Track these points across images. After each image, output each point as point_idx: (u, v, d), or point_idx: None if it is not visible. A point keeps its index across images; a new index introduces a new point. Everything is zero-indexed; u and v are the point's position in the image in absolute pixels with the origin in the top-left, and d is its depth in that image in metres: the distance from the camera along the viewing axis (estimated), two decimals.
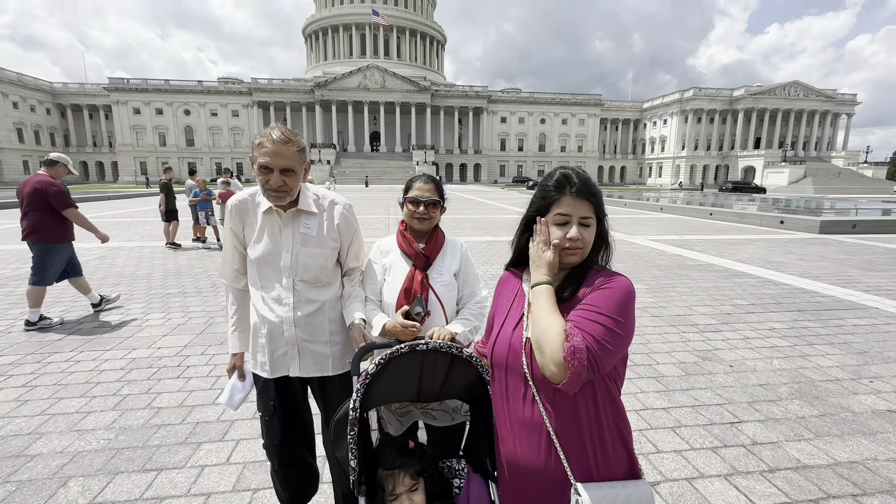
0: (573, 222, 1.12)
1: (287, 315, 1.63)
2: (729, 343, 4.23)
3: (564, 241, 1.12)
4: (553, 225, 1.15)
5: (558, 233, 1.13)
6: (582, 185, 1.13)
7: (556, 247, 1.14)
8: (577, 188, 1.13)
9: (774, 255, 9.02)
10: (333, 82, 73.37)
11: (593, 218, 1.14)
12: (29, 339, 4.22)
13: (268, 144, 1.47)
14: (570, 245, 1.12)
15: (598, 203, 1.16)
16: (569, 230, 1.12)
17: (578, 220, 1.12)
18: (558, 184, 1.15)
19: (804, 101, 75.57)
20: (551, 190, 1.16)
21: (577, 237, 1.11)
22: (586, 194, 1.13)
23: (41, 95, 71.55)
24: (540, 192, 1.20)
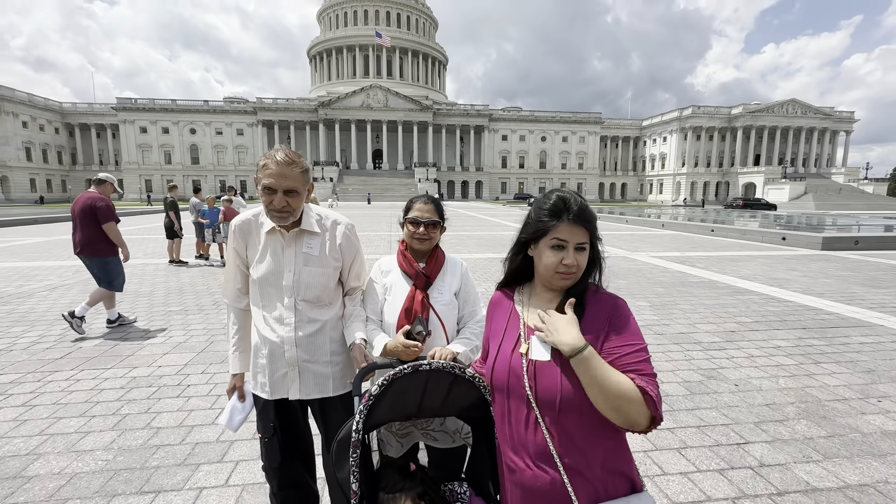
0: (569, 248, 1.13)
1: (288, 335, 1.63)
2: (734, 361, 4.19)
3: (560, 265, 1.13)
4: (548, 248, 1.15)
5: (553, 258, 1.13)
6: (579, 212, 1.13)
7: (560, 276, 1.15)
8: (574, 214, 1.12)
9: (777, 272, 8.99)
10: (337, 101, 74.66)
11: (588, 243, 1.15)
12: (30, 358, 4.21)
13: (272, 166, 1.50)
14: (564, 270, 1.13)
15: (593, 228, 1.16)
16: (565, 256, 1.12)
17: (574, 245, 1.13)
18: (556, 208, 1.15)
19: (802, 118, 76.35)
20: (548, 214, 1.15)
21: (573, 263, 1.12)
22: (583, 221, 1.13)
23: (50, 115, 72.92)
24: (536, 215, 1.18)
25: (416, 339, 1.56)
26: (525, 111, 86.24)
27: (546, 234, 1.15)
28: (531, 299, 1.24)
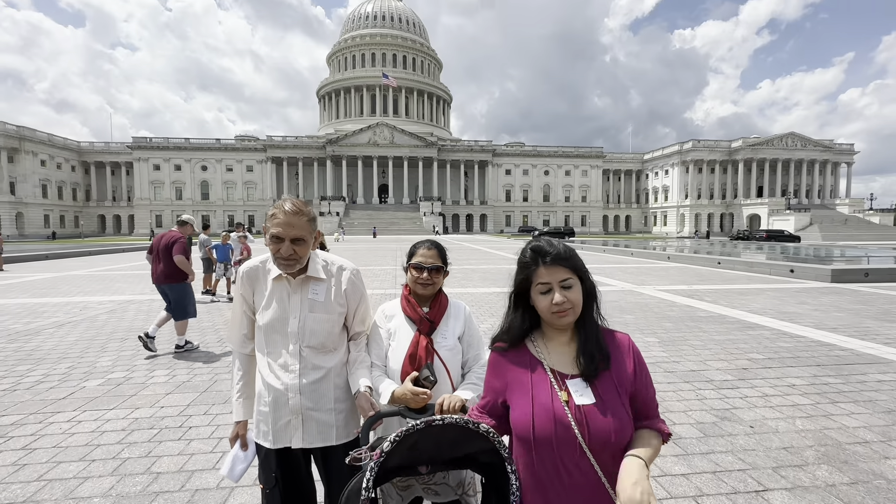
0: (555, 288, 1.19)
1: (293, 382, 1.63)
2: (747, 401, 4.08)
3: (552, 306, 1.19)
4: (538, 295, 1.22)
5: (545, 301, 1.20)
6: (554, 254, 1.22)
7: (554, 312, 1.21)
8: (550, 257, 1.21)
9: (787, 306, 8.86)
10: (344, 139, 76.87)
11: (574, 278, 1.22)
12: (33, 398, 4.19)
13: (280, 216, 1.55)
14: (557, 309, 1.19)
15: (574, 265, 1.23)
16: (553, 296, 1.19)
17: (559, 284, 1.19)
18: (532, 258, 1.24)
19: (802, 150, 77.27)
20: (528, 264, 1.24)
21: (563, 300, 1.18)
22: (559, 260, 1.21)
23: (68, 154, 75.53)
24: (519, 269, 1.28)
25: (424, 385, 1.55)
26: (528, 146, 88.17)
27: (532, 283, 1.23)
28: (548, 344, 1.27)
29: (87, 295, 10.61)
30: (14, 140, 66.03)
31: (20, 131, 67.07)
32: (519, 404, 1.20)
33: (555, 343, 1.26)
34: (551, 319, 1.22)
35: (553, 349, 1.26)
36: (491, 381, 1.30)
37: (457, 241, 44.58)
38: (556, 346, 1.26)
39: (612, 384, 1.19)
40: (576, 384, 1.18)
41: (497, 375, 1.28)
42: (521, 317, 1.28)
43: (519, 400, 1.21)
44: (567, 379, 1.19)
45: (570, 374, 1.21)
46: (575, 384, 1.18)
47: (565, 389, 1.17)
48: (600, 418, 1.13)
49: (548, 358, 1.24)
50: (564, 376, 1.20)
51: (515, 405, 1.21)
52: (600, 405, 1.15)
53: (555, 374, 1.20)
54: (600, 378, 1.19)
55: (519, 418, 1.19)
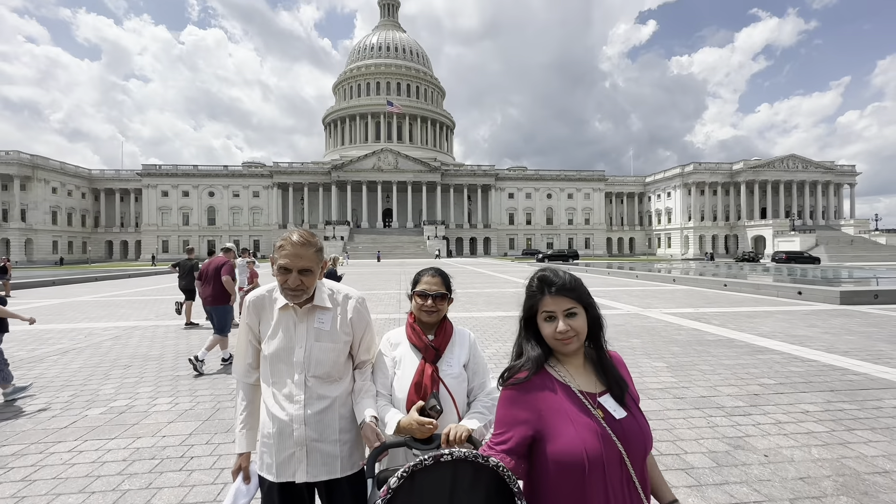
0: (559, 317, 1.24)
1: (297, 413, 1.62)
2: (760, 428, 3.97)
3: (556, 333, 1.24)
4: (543, 322, 1.27)
5: (549, 328, 1.26)
6: (560, 284, 1.27)
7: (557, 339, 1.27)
8: (555, 287, 1.27)
9: (797, 329, 8.73)
10: (349, 164, 78.16)
11: (578, 307, 1.26)
12: (35, 427, 4.15)
13: (288, 247, 1.58)
14: (561, 337, 1.24)
15: (579, 295, 1.28)
16: (557, 325, 1.24)
17: (563, 313, 1.24)
18: (538, 287, 1.30)
19: (803, 172, 77.63)
20: (535, 293, 1.30)
21: (566, 329, 1.23)
22: (564, 291, 1.26)
23: (79, 181, 77.12)
24: (526, 297, 1.34)
25: (429, 415, 1.54)
26: (530, 170, 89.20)
27: (538, 310, 1.29)
28: (566, 366, 1.30)
29: (92, 321, 10.63)
30: (28, 168, 67.67)
31: (34, 160, 68.81)
32: (563, 432, 1.16)
33: (572, 366, 1.30)
34: (556, 346, 1.27)
35: (573, 371, 1.29)
36: (516, 413, 1.23)
37: (460, 264, 44.58)
38: (574, 368, 1.30)
39: (628, 396, 1.27)
40: (607, 401, 1.24)
41: (524, 406, 1.23)
42: (535, 344, 1.32)
43: (562, 427, 1.17)
44: (598, 397, 1.24)
45: (598, 392, 1.25)
46: (607, 401, 1.24)
47: (599, 407, 1.22)
48: (636, 430, 1.20)
49: (573, 381, 1.26)
50: (593, 395, 1.24)
51: (559, 433, 1.17)
52: (630, 418, 1.22)
53: (584, 395, 1.23)
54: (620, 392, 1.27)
55: (567, 445, 1.14)
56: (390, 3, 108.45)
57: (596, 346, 1.31)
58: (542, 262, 46.02)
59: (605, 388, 1.26)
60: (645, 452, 1.21)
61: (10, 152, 67.19)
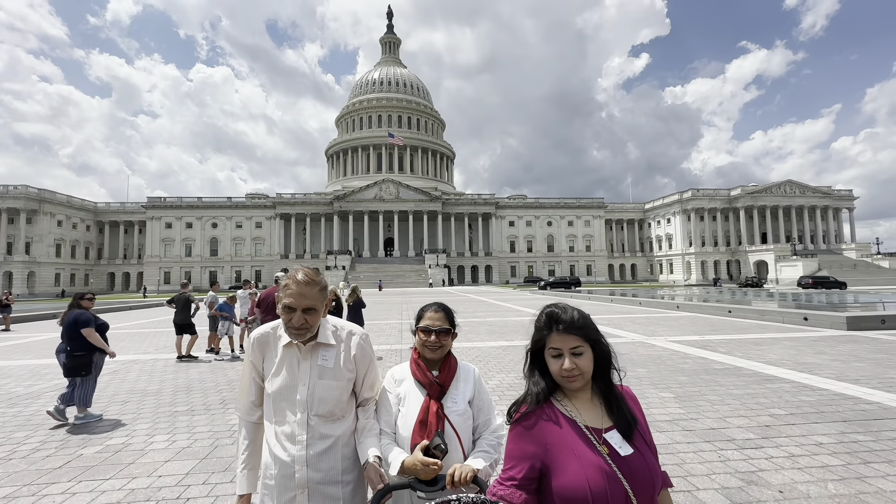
0: (565, 354, 1.25)
1: (299, 454, 1.59)
2: (773, 462, 3.86)
3: (562, 371, 1.25)
4: (550, 358, 1.28)
5: (555, 365, 1.27)
6: (568, 322, 1.28)
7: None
8: (563, 325, 1.28)
9: (805, 356, 8.59)
10: (351, 195, 79.22)
11: (585, 346, 1.27)
12: (28, 468, 4.05)
13: (293, 286, 1.60)
14: (567, 374, 1.24)
15: (586, 334, 1.28)
16: (563, 362, 1.25)
17: (569, 351, 1.25)
18: (546, 323, 1.31)
19: (801, 197, 78.27)
20: (543, 329, 1.31)
21: (571, 367, 1.24)
22: (572, 329, 1.27)
23: (84, 214, 78.06)
24: (535, 331, 1.35)
25: (434, 454, 1.51)
26: (530, 198, 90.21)
27: (545, 346, 1.30)
28: (573, 400, 1.30)
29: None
30: (34, 202, 68.68)
31: (41, 194, 69.94)
32: (567, 467, 1.16)
33: (579, 400, 1.29)
34: (562, 382, 1.27)
35: (580, 406, 1.28)
36: (524, 448, 1.24)
37: (462, 292, 44.40)
38: (581, 402, 1.29)
39: (637, 433, 1.25)
40: (613, 437, 1.22)
41: (532, 440, 1.24)
42: (539, 377, 1.33)
43: (566, 462, 1.17)
44: (603, 433, 1.22)
45: (604, 428, 1.24)
46: (613, 437, 1.22)
47: (604, 444, 1.20)
48: (642, 468, 1.18)
49: (579, 416, 1.25)
50: (599, 431, 1.23)
51: (563, 468, 1.17)
52: (637, 455, 1.19)
53: (590, 431, 1.22)
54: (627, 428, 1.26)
55: (571, 481, 1.14)
56: (391, 41, 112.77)
57: (605, 381, 1.30)
58: (545, 290, 45.79)
59: (612, 424, 1.25)
60: (653, 491, 1.18)
61: (17, 186, 68.36)
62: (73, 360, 5.44)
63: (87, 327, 5.52)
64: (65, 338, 5.59)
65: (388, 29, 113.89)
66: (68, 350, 5.51)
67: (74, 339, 5.50)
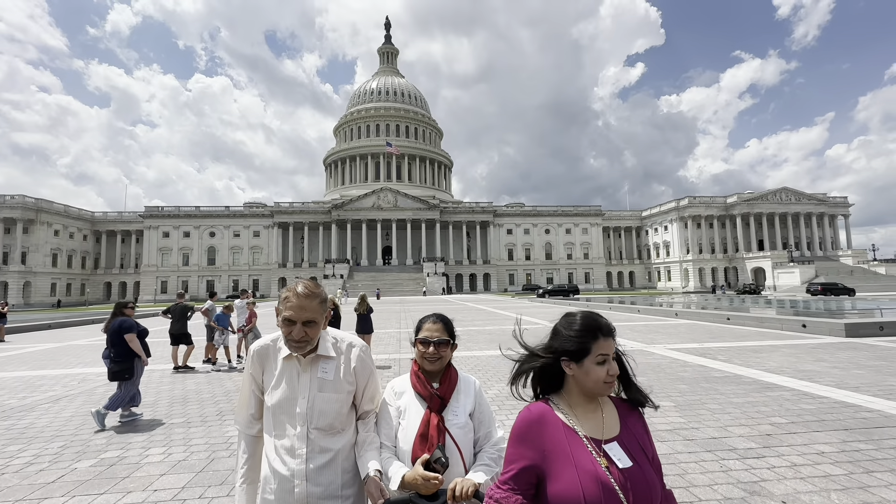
0: (610, 359, 1.26)
1: (299, 468, 1.57)
2: (776, 472, 3.83)
3: (607, 377, 1.25)
4: (594, 365, 1.25)
5: (601, 372, 1.25)
6: (609, 327, 1.30)
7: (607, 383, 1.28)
8: (607, 330, 1.29)
9: (804, 364, 8.57)
10: (349, 203, 79.32)
11: None
12: (21, 483, 3.98)
13: (293, 299, 1.59)
14: (611, 380, 1.26)
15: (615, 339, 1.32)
16: (610, 368, 1.25)
17: (612, 357, 1.28)
18: (590, 328, 1.28)
19: (797, 204, 78.80)
20: (586, 334, 1.27)
21: (617, 372, 1.28)
22: (612, 334, 1.30)
23: (81, 223, 77.83)
24: (576, 337, 1.28)
25: (435, 468, 1.49)
26: (528, 206, 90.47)
27: (590, 353, 1.26)
28: (575, 409, 1.28)
29: (86, 366, 10.43)
30: (31, 212, 68.49)
31: (38, 203, 69.77)
32: (563, 475, 1.16)
33: (581, 410, 1.28)
34: (600, 389, 1.26)
35: (581, 416, 1.27)
36: (522, 451, 1.23)
37: (460, 300, 44.31)
38: (583, 412, 1.28)
39: (638, 447, 1.23)
40: (613, 448, 1.20)
41: (530, 445, 1.23)
42: (548, 375, 1.36)
43: (562, 470, 1.16)
44: (603, 444, 1.21)
45: (604, 440, 1.22)
46: (612, 449, 1.20)
47: (603, 455, 1.18)
48: (641, 482, 1.16)
49: (580, 425, 1.24)
50: (599, 442, 1.21)
51: (559, 476, 1.16)
52: (637, 469, 1.17)
53: (590, 441, 1.21)
54: (629, 442, 1.23)
55: (566, 489, 1.14)
56: (389, 52, 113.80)
57: (635, 392, 1.36)
58: (543, 298, 45.74)
59: (613, 436, 1.24)
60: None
61: (15, 196, 68.22)
62: (117, 366, 5.92)
63: (129, 333, 6.05)
64: (109, 344, 6.09)
65: (386, 39, 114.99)
66: (111, 356, 5.98)
67: (117, 345, 6.00)
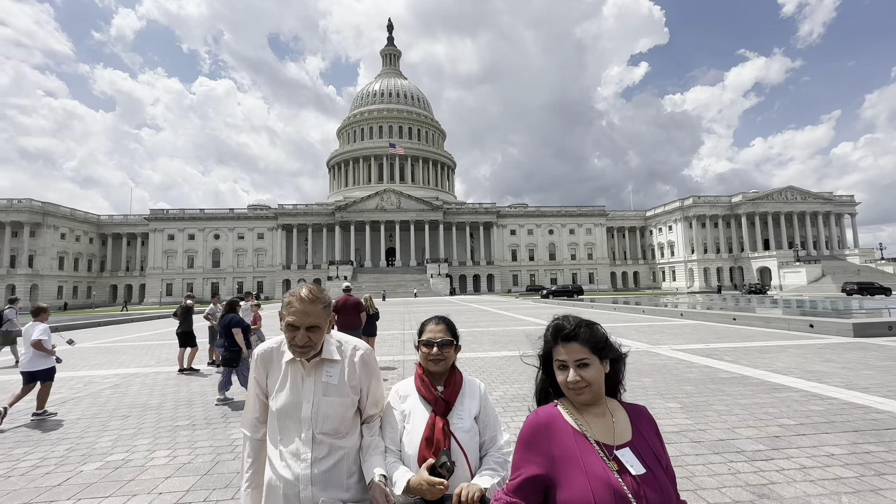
0: (570, 366, 1.22)
1: (304, 472, 1.56)
2: (785, 475, 3.78)
3: (567, 382, 1.22)
4: (557, 370, 1.26)
5: (561, 377, 1.24)
6: (572, 331, 1.26)
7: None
8: (567, 335, 1.25)
9: (812, 364, 8.49)
10: (353, 205, 79.52)
11: (592, 357, 1.24)
12: (27, 486, 4.00)
13: (296, 304, 1.57)
14: (573, 387, 1.21)
15: (594, 345, 1.25)
16: (567, 374, 1.22)
17: (574, 363, 1.22)
18: (553, 334, 1.29)
19: (803, 203, 78.23)
20: (549, 340, 1.30)
21: (576, 379, 1.21)
22: (577, 339, 1.24)
23: (87, 227, 78.44)
24: (543, 342, 1.34)
25: (440, 473, 1.48)
26: (531, 207, 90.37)
27: (552, 357, 1.28)
28: (584, 415, 1.26)
29: (91, 369, 10.49)
30: (38, 215, 69.08)
31: (45, 207, 70.38)
32: (573, 481, 1.13)
33: (590, 415, 1.25)
34: (569, 395, 1.25)
35: (591, 421, 1.24)
36: (530, 458, 1.21)
37: (464, 302, 44.27)
38: (592, 417, 1.25)
39: (651, 454, 1.20)
40: (625, 454, 1.17)
41: (538, 450, 1.21)
42: (544, 379, 1.36)
43: (572, 476, 1.14)
44: (615, 450, 1.18)
45: (616, 445, 1.19)
46: (625, 454, 1.17)
47: (614, 460, 1.16)
48: (655, 490, 1.13)
49: (590, 430, 1.21)
50: (610, 447, 1.19)
51: (569, 482, 1.13)
52: (650, 475, 1.14)
53: (600, 446, 1.18)
54: (642, 448, 1.20)
55: (576, 496, 1.11)
56: (392, 53, 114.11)
57: (615, 400, 1.31)
58: (547, 299, 45.63)
59: (625, 442, 1.22)
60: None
61: (22, 200, 68.87)
62: (229, 354, 7.05)
63: (236, 328, 7.12)
64: (222, 336, 7.29)
65: (389, 41, 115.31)
66: (225, 346, 7.11)
67: (228, 336, 7.11)
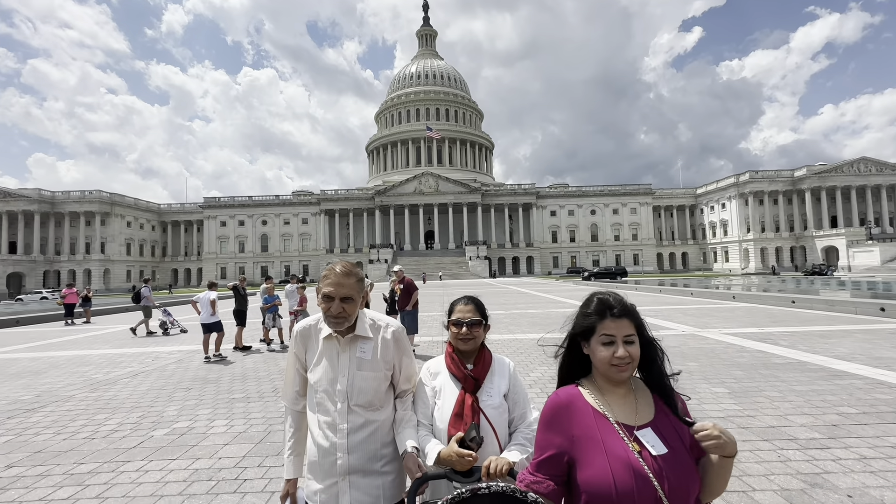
0: (618, 342, 1.20)
1: (341, 442, 1.66)
2: (841, 464, 3.57)
3: (613, 359, 1.19)
4: (599, 346, 1.22)
5: (606, 353, 1.21)
6: (622, 308, 1.24)
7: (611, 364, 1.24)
8: (617, 310, 1.23)
9: (880, 350, 7.85)
10: (392, 189, 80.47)
11: (636, 335, 1.23)
12: (108, 447, 4.48)
13: (332, 276, 1.68)
14: (618, 363, 1.19)
15: (638, 322, 1.25)
16: (616, 349, 1.20)
17: (623, 338, 1.21)
18: (598, 308, 1.26)
19: (878, 176, 71.03)
20: (592, 314, 1.26)
21: (625, 355, 1.19)
22: (627, 314, 1.23)
23: (149, 215, 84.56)
24: (580, 316, 1.31)
25: (469, 446, 1.53)
26: (572, 187, 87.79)
27: (595, 332, 1.24)
28: (605, 396, 1.25)
29: (158, 346, 11.44)
30: (107, 205, 75.18)
31: (112, 197, 76.43)
32: (593, 461, 1.14)
33: (612, 395, 1.25)
34: (609, 372, 1.21)
35: (612, 402, 1.24)
36: (550, 438, 1.23)
37: (503, 284, 44.11)
38: (615, 398, 1.24)
39: (674, 433, 1.18)
40: (646, 435, 1.17)
41: (558, 430, 1.23)
42: (569, 358, 1.33)
43: (592, 456, 1.15)
44: (635, 430, 1.18)
45: (637, 426, 1.19)
46: (645, 435, 1.16)
47: (635, 441, 1.15)
48: (677, 469, 1.11)
49: (610, 410, 1.21)
50: (630, 428, 1.18)
51: (589, 462, 1.15)
52: (672, 455, 1.13)
53: (621, 427, 1.18)
54: (664, 427, 1.18)
55: (596, 476, 1.12)
56: (428, 34, 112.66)
57: (655, 374, 1.27)
58: (589, 281, 44.59)
59: (646, 422, 1.20)
60: (687, 495, 1.11)
61: (92, 192, 75.12)
62: None
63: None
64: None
65: (425, 21, 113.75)
66: None
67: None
